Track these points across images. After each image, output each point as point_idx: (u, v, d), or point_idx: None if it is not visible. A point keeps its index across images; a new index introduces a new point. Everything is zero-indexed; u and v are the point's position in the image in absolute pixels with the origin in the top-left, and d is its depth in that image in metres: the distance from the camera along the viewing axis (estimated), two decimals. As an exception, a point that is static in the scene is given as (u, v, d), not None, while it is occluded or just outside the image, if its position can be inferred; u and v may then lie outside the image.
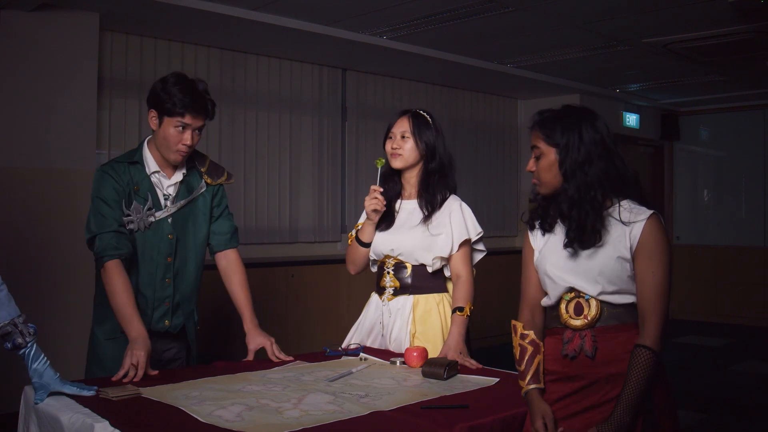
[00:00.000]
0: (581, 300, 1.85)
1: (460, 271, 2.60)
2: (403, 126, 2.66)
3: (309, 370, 2.38)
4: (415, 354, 2.42)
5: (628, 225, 1.80)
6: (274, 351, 2.55)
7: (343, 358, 2.60)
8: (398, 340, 2.65)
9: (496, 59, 6.34)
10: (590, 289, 1.83)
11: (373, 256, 2.75)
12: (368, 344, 2.74)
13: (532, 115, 1.95)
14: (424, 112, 2.71)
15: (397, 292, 2.66)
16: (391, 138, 2.68)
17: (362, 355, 2.58)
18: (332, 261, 5.83)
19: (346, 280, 5.79)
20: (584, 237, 1.81)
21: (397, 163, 2.66)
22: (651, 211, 1.81)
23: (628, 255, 1.80)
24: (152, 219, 2.48)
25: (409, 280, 2.65)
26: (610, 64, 6.43)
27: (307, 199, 6.14)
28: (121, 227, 2.42)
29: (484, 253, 2.75)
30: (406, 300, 2.65)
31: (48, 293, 4.33)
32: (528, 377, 1.90)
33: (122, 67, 5.04)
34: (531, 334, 1.94)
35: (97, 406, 1.89)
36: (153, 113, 2.45)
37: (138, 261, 2.49)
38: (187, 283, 2.59)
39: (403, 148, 2.63)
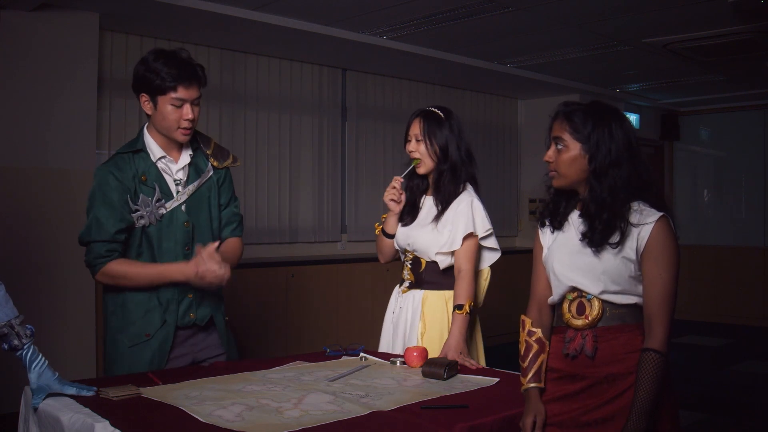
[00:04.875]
0: (583, 300, 1.85)
1: (461, 265, 2.60)
2: (415, 129, 2.68)
3: (309, 370, 2.38)
4: (415, 354, 2.42)
5: (637, 227, 1.79)
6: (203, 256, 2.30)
7: (343, 358, 2.60)
8: (408, 334, 2.67)
9: (496, 59, 6.33)
10: (593, 287, 1.83)
11: (397, 248, 2.80)
12: (389, 333, 2.76)
13: (558, 104, 1.91)
14: (437, 109, 2.70)
15: (411, 286, 2.72)
16: (409, 140, 2.70)
17: (362, 354, 2.58)
18: (332, 261, 5.83)
19: (346, 280, 5.79)
20: (610, 238, 1.80)
21: (421, 170, 2.69)
22: (660, 214, 1.79)
23: (633, 256, 1.80)
24: (163, 211, 2.38)
25: (422, 276, 2.69)
26: (610, 64, 6.43)
27: (307, 199, 6.14)
28: (116, 235, 2.31)
29: (499, 253, 2.75)
30: (417, 294, 2.69)
31: (47, 294, 4.33)
32: (529, 375, 1.91)
33: (122, 67, 5.04)
34: (538, 332, 1.94)
35: (97, 406, 1.89)
36: (144, 97, 2.33)
37: (155, 256, 2.39)
38: None
39: (419, 151, 2.66)
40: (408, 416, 1.84)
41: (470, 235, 2.62)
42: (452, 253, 2.63)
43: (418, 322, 2.65)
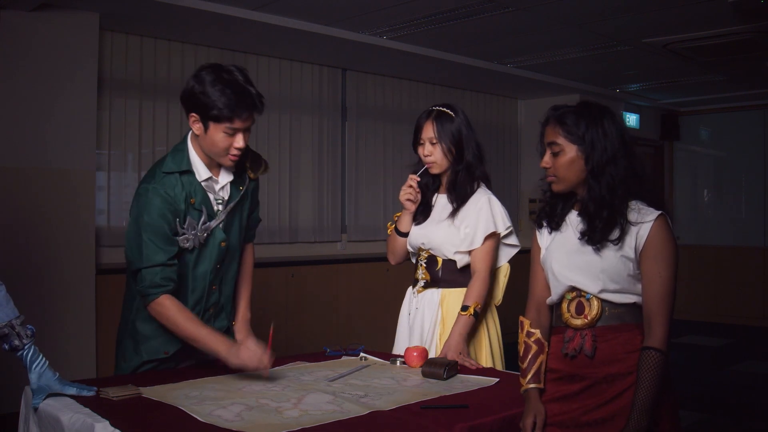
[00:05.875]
0: (582, 299, 1.85)
1: (477, 266, 2.58)
2: (428, 132, 2.63)
3: (309, 370, 2.38)
4: (415, 354, 2.42)
5: (636, 225, 1.80)
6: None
7: (343, 358, 2.60)
8: (426, 334, 2.64)
9: (496, 59, 6.33)
10: (592, 286, 1.83)
11: (410, 248, 2.76)
12: (405, 335, 2.73)
13: (547, 110, 1.91)
14: (445, 107, 2.67)
15: (427, 285, 2.68)
16: (422, 144, 2.66)
17: (362, 355, 2.59)
18: (332, 261, 5.83)
19: (346, 280, 5.79)
20: (610, 235, 1.80)
21: (434, 170, 2.67)
22: (659, 212, 1.81)
23: (632, 254, 1.80)
24: (207, 233, 2.29)
25: (439, 274, 2.66)
26: (610, 64, 6.43)
27: (307, 199, 6.14)
28: (170, 260, 2.20)
29: (518, 248, 2.71)
30: (434, 293, 2.65)
31: (47, 294, 4.33)
32: (529, 376, 1.91)
33: (122, 67, 5.04)
34: (537, 332, 1.94)
35: (97, 406, 1.89)
36: (195, 117, 2.18)
37: (188, 278, 2.31)
38: (230, 285, 2.45)
39: (435, 155, 2.63)
40: (408, 416, 1.84)
41: (491, 235, 2.59)
42: (470, 252, 2.60)
43: (438, 322, 2.62)
